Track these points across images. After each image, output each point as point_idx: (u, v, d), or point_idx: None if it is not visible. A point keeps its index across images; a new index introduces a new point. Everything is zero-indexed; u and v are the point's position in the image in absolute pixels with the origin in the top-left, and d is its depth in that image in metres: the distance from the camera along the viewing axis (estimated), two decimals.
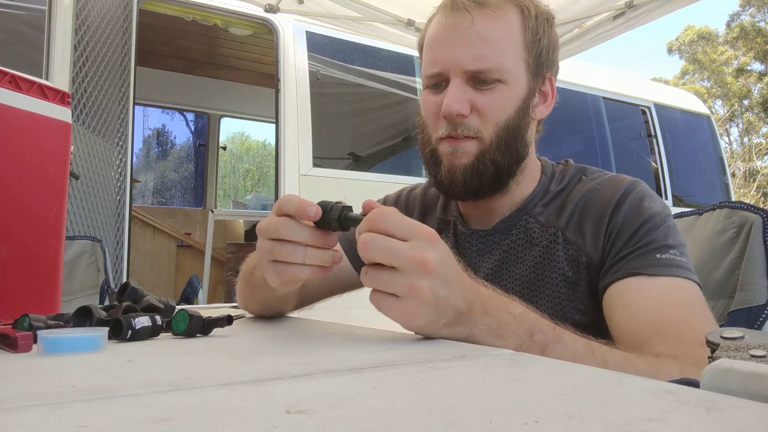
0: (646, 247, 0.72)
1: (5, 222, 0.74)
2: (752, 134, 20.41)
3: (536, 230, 0.81)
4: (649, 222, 0.73)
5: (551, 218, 0.81)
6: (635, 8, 2.41)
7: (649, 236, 0.72)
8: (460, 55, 0.75)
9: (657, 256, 0.70)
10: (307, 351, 0.51)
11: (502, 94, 0.76)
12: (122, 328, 0.59)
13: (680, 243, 0.73)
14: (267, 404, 0.31)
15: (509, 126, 0.77)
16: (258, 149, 17.09)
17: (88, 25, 2.31)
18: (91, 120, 2.33)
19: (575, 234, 0.78)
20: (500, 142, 0.77)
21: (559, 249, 0.78)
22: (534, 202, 0.83)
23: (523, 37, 0.77)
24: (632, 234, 0.73)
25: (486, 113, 0.76)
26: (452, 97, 0.75)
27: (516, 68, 0.77)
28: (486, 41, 0.75)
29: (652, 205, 0.75)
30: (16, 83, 0.76)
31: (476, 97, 0.76)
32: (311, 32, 3.23)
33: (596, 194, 0.79)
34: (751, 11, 20.58)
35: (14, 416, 0.29)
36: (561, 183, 0.84)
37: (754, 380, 0.30)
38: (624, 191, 0.77)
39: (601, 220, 0.76)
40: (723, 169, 5.04)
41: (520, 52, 0.77)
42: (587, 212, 0.78)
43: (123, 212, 2.58)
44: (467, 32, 0.75)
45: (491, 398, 0.32)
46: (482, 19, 0.75)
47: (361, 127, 3.43)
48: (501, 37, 0.76)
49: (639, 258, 0.71)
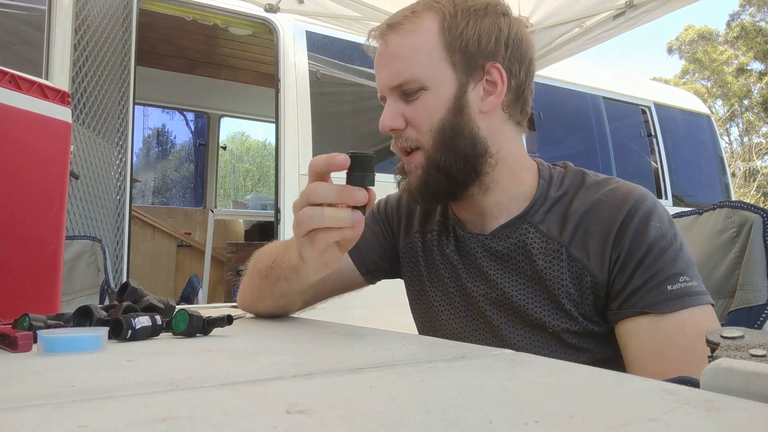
0: (655, 278, 0.71)
1: (5, 222, 0.74)
2: (752, 134, 20.41)
3: (537, 242, 0.80)
4: (656, 247, 0.72)
5: (552, 229, 0.80)
6: (635, 8, 2.41)
7: (657, 265, 0.72)
8: (383, 76, 0.82)
9: (668, 288, 0.70)
10: (307, 351, 0.51)
11: (426, 101, 0.80)
12: (122, 327, 0.59)
13: (690, 264, 0.73)
14: (267, 404, 0.31)
15: (443, 127, 0.79)
16: (258, 149, 17.09)
17: (88, 24, 2.30)
18: (91, 120, 2.33)
19: (580, 252, 0.77)
20: (440, 145, 0.79)
21: (563, 265, 0.77)
22: (534, 209, 0.82)
23: (440, 40, 0.80)
24: (639, 261, 0.72)
25: (417, 122, 0.80)
26: (384, 115, 0.82)
27: (437, 72, 0.79)
28: (399, 57, 0.80)
29: (658, 225, 0.74)
30: (16, 83, 0.76)
31: (406, 110, 0.81)
32: (311, 32, 3.22)
33: (601, 208, 0.77)
34: (751, 11, 20.58)
35: (14, 416, 0.29)
36: (561, 188, 0.83)
37: (754, 380, 0.30)
38: (630, 209, 0.75)
39: (607, 240, 0.75)
40: (723, 168, 5.04)
41: (440, 55, 0.80)
42: (592, 229, 0.77)
43: (123, 212, 2.58)
44: (385, 54, 0.82)
45: (491, 398, 0.32)
46: (395, 38, 0.81)
47: (361, 127, 3.43)
48: (413, 50, 0.80)
49: (649, 293, 0.71)
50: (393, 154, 0.87)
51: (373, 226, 0.98)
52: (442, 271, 0.88)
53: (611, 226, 0.75)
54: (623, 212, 0.75)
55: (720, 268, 0.95)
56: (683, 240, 0.75)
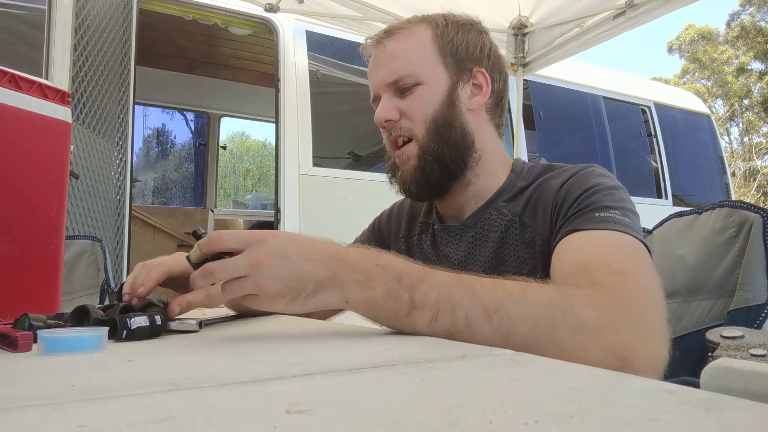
0: (586, 209, 0.74)
1: (5, 221, 0.74)
2: (752, 133, 20.41)
3: (497, 221, 0.86)
4: (591, 189, 0.77)
5: (512, 208, 0.86)
6: (635, 7, 2.41)
7: (589, 199, 0.75)
8: (380, 75, 0.89)
9: (595, 215, 0.72)
10: (307, 351, 0.51)
11: (422, 94, 0.86)
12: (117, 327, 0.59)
13: (624, 207, 0.74)
14: (267, 404, 0.31)
15: (437, 118, 0.86)
16: (258, 149, 17.10)
17: (88, 24, 2.30)
18: (91, 119, 2.33)
19: (530, 218, 0.83)
20: (433, 135, 0.86)
21: (515, 233, 0.83)
22: (500, 197, 0.89)
23: (434, 43, 0.88)
24: (574, 200, 0.77)
25: (412, 113, 0.87)
26: (380, 108, 0.88)
27: (431, 70, 0.87)
28: (397, 56, 0.88)
29: (597, 179, 0.79)
30: (16, 83, 0.76)
31: (401, 104, 0.87)
32: (311, 32, 3.22)
33: (550, 181, 0.84)
34: (752, 10, 20.57)
35: (14, 416, 0.29)
36: (527, 179, 0.89)
37: (754, 379, 0.30)
38: (574, 172, 0.83)
39: (553, 200, 0.81)
40: (723, 168, 5.04)
41: (434, 56, 0.88)
42: (541, 196, 0.83)
43: (123, 212, 2.58)
44: (382, 56, 0.89)
45: (491, 398, 0.32)
46: (392, 42, 0.89)
47: (361, 127, 3.43)
48: (410, 49, 0.88)
49: (578, 218, 0.74)
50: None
51: (368, 243, 1.04)
52: None
53: (556, 190, 0.81)
54: (566, 176, 0.82)
55: (720, 268, 0.95)
56: (626, 195, 0.78)
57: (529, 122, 3.75)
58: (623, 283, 0.60)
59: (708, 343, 0.39)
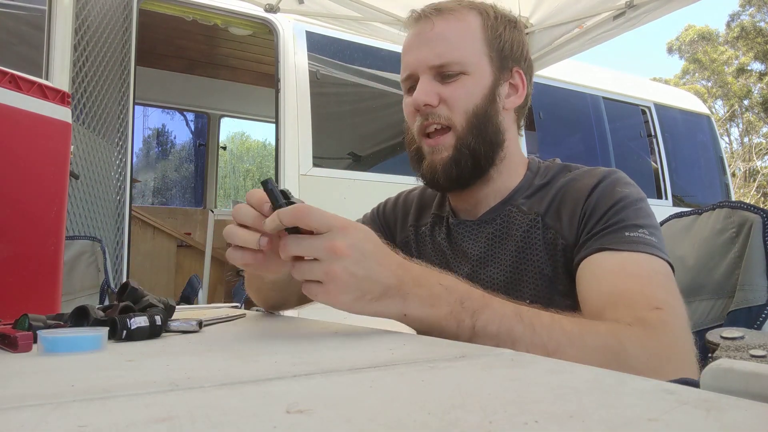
0: (615, 225, 0.75)
1: (5, 222, 0.74)
2: (752, 134, 20.41)
3: (518, 218, 0.85)
4: (620, 203, 0.77)
5: (533, 206, 0.85)
6: (635, 8, 2.41)
7: (619, 215, 0.76)
8: (424, 54, 0.84)
9: (626, 234, 0.73)
10: (307, 351, 0.51)
11: (466, 84, 0.84)
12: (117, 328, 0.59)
13: (651, 224, 0.75)
14: (267, 404, 0.31)
15: (478, 112, 0.84)
16: (258, 149, 17.10)
17: (88, 25, 2.30)
18: (91, 120, 2.33)
19: (554, 219, 0.82)
20: (472, 128, 0.83)
21: (538, 234, 0.82)
22: (519, 194, 0.88)
23: (483, 34, 0.85)
24: (603, 213, 0.77)
25: (453, 102, 0.83)
26: (420, 90, 0.83)
27: (478, 61, 0.84)
28: (446, 39, 0.84)
29: (624, 190, 0.79)
30: (16, 83, 0.76)
31: (443, 89, 0.84)
32: (311, 32, 3.22)
33: (575, 183, 0.84)
34: (751, 11, 20.57)
35: (14, 416, 0.29)
36: (545, 178, 0.88)
37: (754, 380, 0.30)
38: (600, 178, 0.82)
39: (578, 204, 0.80)
40: (723, 168, 5.04)
41: (481, 47, 0.85)
42: (566, 199, 0.83)
43: (123, 212, 2.58)
44: (429, 34, 0.84)
45: (491, 398, 0.32)
46: (442, 22, 0.84)
47: (361, 127, 3.43)
48: (460, 35, 0.84)
49: (608, 236, 0.74)
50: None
51: (372, 227, 1.00)
52: (433, 260, 0.92)
53: (582, 193, 0.81)
54: (594, 181, 0.81)
55: (720, 268, 0.95)
56: (650, 208, 0.79)
57: (529, 122, 3.76)
58: (665, 322, 0.64)
59: (708, 343, 0.39)
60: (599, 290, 0.70)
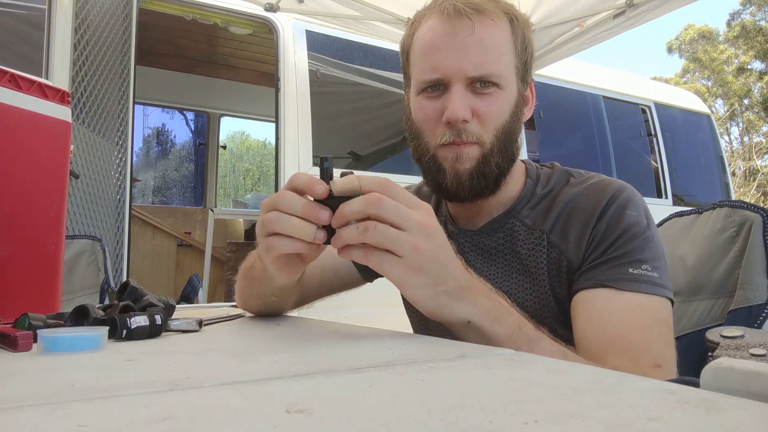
0: (620, 259, 0.73)
1: (5, 221, 0.74)
2: (752, 133, 20.40)
3: (522, 233, 0.82)
4: (628, 232, 0.74)
5: (537, 221, 0.82)
6: (635, 7, 2.41)
7: (625, 247, 0.73)
8: (463, 62, 0.76)
9: (629, 271, 0.72)
10: (307, 351, 0.51)
11: (499, 99, 0.78)
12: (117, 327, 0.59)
13: (656, 256, 0.74)
14: (267, 404, 0.31)
15: (506, 130, 0.79)
16: (258, 148, 17.10)
17: (88, 24, 2.30)
18: (91, 119, 2.32)
19: (559, 238, 0.79)
20: (500, 146, 0.78)
21: (543, 252, 0.79)
22: (521, 205, 0.84)
23: (513, 44, 0.79)
24: (611, 243, 0.74)
25: (486, 118, 0.77)
26: (458, 104, 0.75)
27: (509, 74, 0.79)
28: (487, 48, 0.76)
29: (634, 214, 0.76)
30: (16, 82, 0.76)
31: (477, 103, 0.77)
32: (311, 31, 3.22)
33: (583, 200, 0.79)
34: (752, 10, 20.56)
35: (14, 416, 0.29)
36: (547, 186, 0.84)
37: (754, 379, 0.30)
38: (610, 198, 0.77)
39: (586, 226, 0.77)
40: (723, 168, 5.04)
41: (511, 59, 0.79)
42: (573, 217, 0.79)
43: (123, 211, 2.57)
44: (468, 39, 0.76)
45: (491, 398, 0.32)
46: (481, 26, 0.76)
47: (361, 126, 3.42)
48: (498, 45, 0.77)
49: (611, 269, 0.73)
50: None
51: None
52: None
53: (591, 214, 0.77)
54: (603, 201, 0.77)
55: (720, 268, 0.95)
56: (657, 232, 0.77)
57: (529, 122, 3.75)
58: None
59: (708, 342, 0.39)
60: (602, 333, 0.69)
